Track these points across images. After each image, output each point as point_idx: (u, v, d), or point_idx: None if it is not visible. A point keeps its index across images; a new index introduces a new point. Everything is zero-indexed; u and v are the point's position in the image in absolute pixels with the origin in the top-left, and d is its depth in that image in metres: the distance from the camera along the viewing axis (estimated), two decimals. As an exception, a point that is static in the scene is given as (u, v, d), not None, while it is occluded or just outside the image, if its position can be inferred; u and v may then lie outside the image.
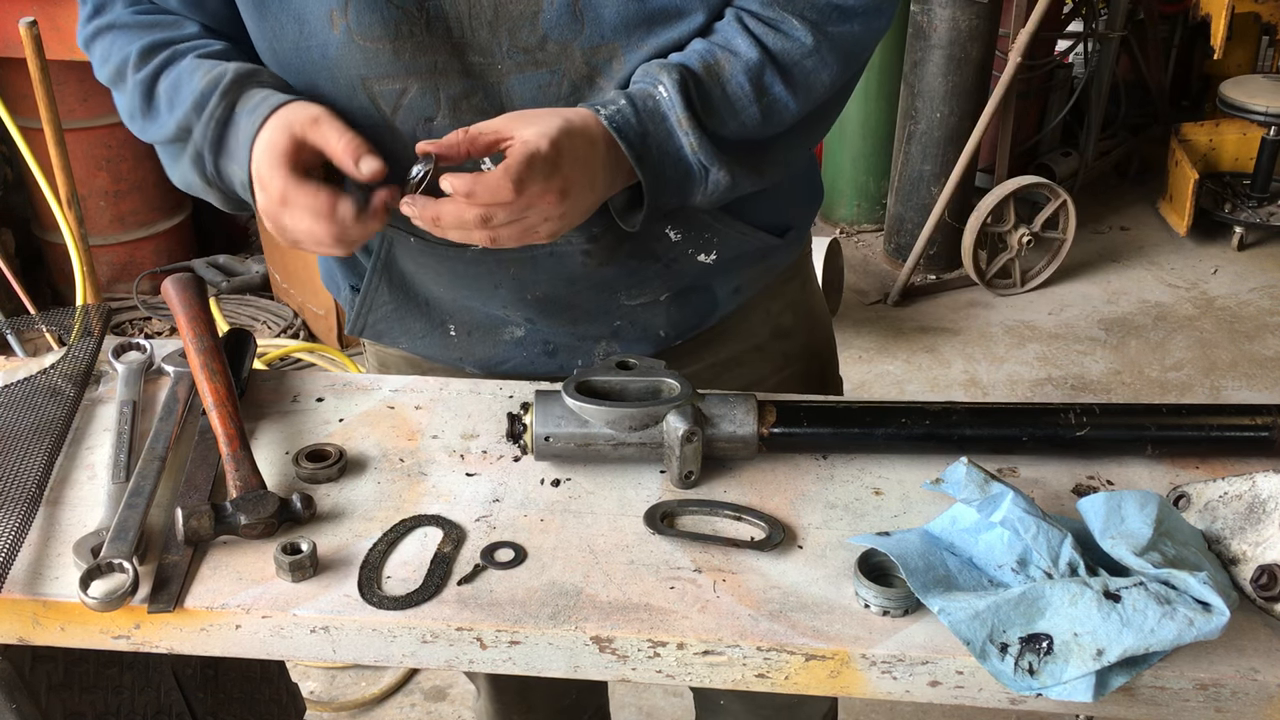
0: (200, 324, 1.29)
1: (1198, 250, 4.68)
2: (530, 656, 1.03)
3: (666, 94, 1.11)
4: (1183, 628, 0.94)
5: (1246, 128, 4.70)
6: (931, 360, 3.97)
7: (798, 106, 1.18)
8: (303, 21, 1.14)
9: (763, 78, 1.15)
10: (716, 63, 1.14)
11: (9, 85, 3.50)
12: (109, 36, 1.23)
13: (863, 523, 1.14)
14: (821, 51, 1.16)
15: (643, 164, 1.12)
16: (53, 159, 2.74)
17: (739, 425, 1.18)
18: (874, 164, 4.75)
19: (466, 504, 1.17)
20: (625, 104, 1.11)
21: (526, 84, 1.16)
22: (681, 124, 1.12)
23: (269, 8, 1.14)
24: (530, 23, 1.12)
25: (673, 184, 1.15)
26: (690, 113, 1.12)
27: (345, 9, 1.11)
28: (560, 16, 1.12)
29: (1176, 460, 1.22)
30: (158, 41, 1.20)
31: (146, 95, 1.20)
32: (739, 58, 1.14)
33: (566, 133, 1.07)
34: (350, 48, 1.13)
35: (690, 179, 1.15)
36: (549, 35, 1.13)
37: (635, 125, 1.11)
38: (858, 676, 1.01)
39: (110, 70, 1.23)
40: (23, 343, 2.90)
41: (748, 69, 1.14)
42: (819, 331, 1.58)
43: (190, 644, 1.06)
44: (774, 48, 1.15)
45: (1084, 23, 4.70)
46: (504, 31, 1.13)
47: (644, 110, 1.11)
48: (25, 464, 1.17)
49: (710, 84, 1.13)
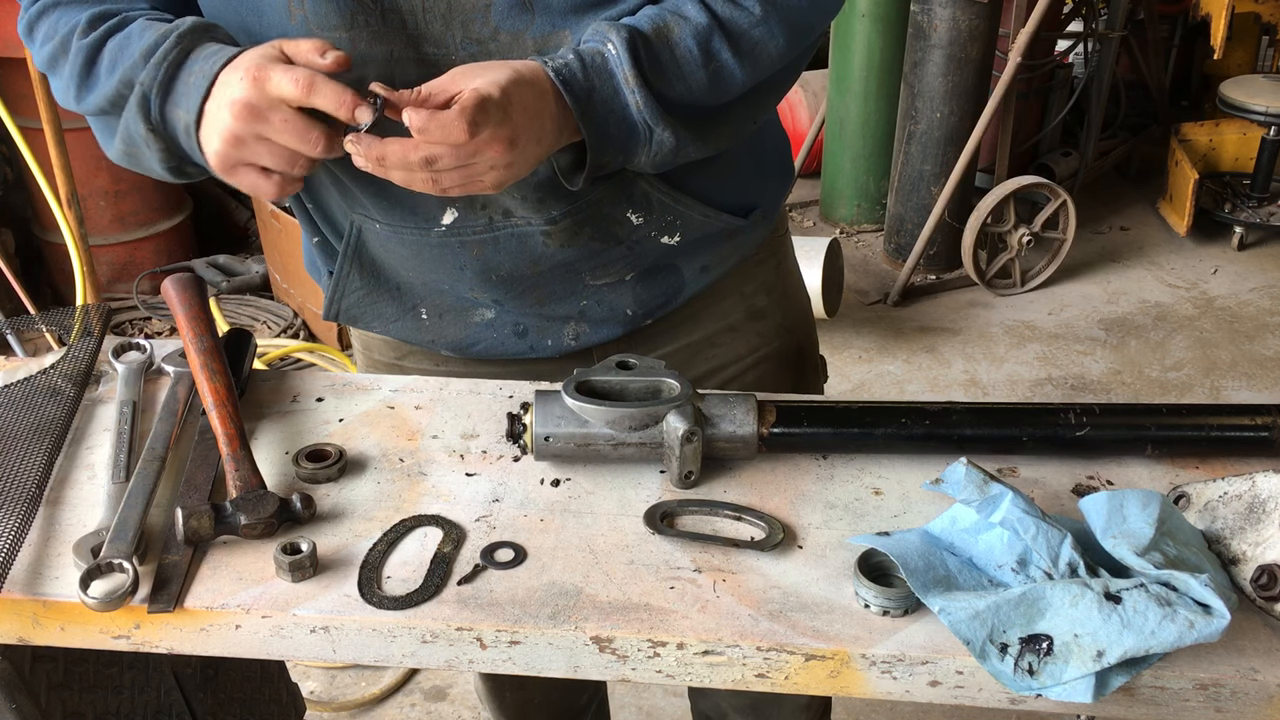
0: (200, 324, 1.29)
1: (1198, 250, 4.68)
2: (530, 656, 1.03)
3: (615, 51, 1.12)
4: (1183, 630, 0.94)
5: (1246, 128, 4.70)
6: (931, 360, 3.97)
7: (744, 75, 1.19)
8: (260, 13, 1.15)
9: (711, 43, 1.16)
10: (666, 25, 1.15)
11: (9, 85, 3.50)
12: (54, 14, 1.20)
13: (863, 523, 1.14)
14: (770, 22, 1.18)
15: (587, 119, 1.12)
16: (53, 159, 2.75)
17: (739, 425, 1.18)
18: (874, 164, 4.75)
19: (466, 504, 1.17)
20: (573, 59, 1.12)
21: None
22: (628, 81, 1.13)
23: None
24: (482, 15, 1.14)
25: (616, 141, 1.15)
26: (637, 71, 1.12)
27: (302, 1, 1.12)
28: (511, 8, 1.14)
29: (1176, 460, 1.22)
30: (107, 10, 1.18)
31: (89, 61, 1.17)
32: (688, 22, 1.15)
33: (516, 82, 1.08)
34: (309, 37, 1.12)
35: (634, 137, 1.16)
36: (500, 26, 1.15)
37: (582, 80, 1.11)
38: (858, 676, 1.01)
39: (52, 47, 1.20)
40: (23, 343, 2.90)
41: (696, 33, 1.15)
42: (795, 311, 1.59)
43: (190, 644, 1.06)
44: (723, 14, 1.17)
45: (1084, 23, 4.70)
46: (457, 24, 1.15)
47: (591, 66, 1.12)
48: (25, 464, 1.17)
49: (659, 45, 1.14)
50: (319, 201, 1.39)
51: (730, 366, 1.49)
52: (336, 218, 1.38)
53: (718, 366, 1.49)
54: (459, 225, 1.29)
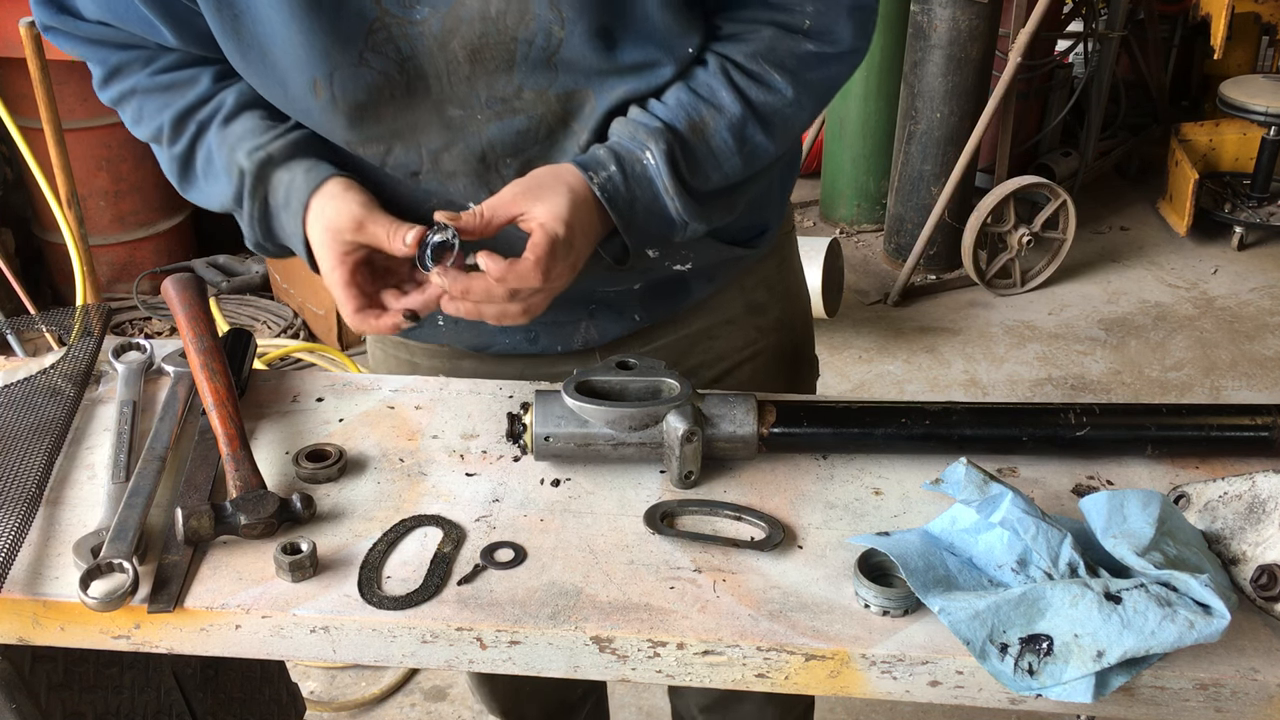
0: (200, 324, 1.29)
1: (1198, 250, 4.68)
2: (530, 656, 1.03)
3: (654, 161, 1.17)
4: (1183, 630, 0.94)
5: (1246, 128, 4.70)
6: (931, 360, 3.97)
7: (776, 149, 1.24)
8: (285, 86, 1.18)
9: (745, 130, 1.20)
10: (702, 120, 1.19)
11: (9, 85, 3.50)
12: (135, 101, 1.29)
13: (863, 523, 1.14)
14: (800, 99, 1.21)
15: (630, 228, 1.19)
16: (53, 159, 2.74)
17: (739, 425, 1.18)
18: (874, 164, 4.75)
19: (466, 504, 1.17)
20: (615, 170, 1.17)
21: (505, 130, 1.20)
22: (668, 190, 1.18)
23: (253, 66, 1.18)
24: (506, 73, 1.16)
25: (655, 238, 1.24)
26: (676, 179, 1.18)
27: (330, 80, 1.15)
28: (535, 68, 1.15)
29: (1176, 460, 1.22)
30: (182, 111, 1.26)
31: (184, 168, 1.29)
32: (723, 114, 1.19)
33: (574, 208, 1.14)
34: (333, 114, 1.18)
35: (671, 230, 1.23)
36: (524, 85, 1.17)
37: (624, 193, 1.17)
38: (858, 676, 1.01)
39: (146, 134, 1.30)
40: (23, 343, 2.89)
41: (731, 124, 1.19)
42: (794, 306, 1.61)
43: (190, 644, 1.06)
44: (756, 100, 1.20)
45: (1084, 23, 4.70)
46: (481, 84, 1.17)
47: (632, 176, 1.17)
48: (25, 464, 1.17)
49: (695, 142, 1.19)
50: None
51: (725, 359, 1.50)
52: None
53: (714, 358, 1.50)
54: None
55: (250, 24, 1.14)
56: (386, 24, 1.12)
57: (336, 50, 1.13)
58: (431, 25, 1.12)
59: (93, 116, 3.77)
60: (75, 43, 1.28)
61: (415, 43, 1.13)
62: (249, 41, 1.15)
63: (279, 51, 1.14)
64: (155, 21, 1.19)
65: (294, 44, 1.13)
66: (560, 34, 1.12)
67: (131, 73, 1.28)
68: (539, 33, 1.12)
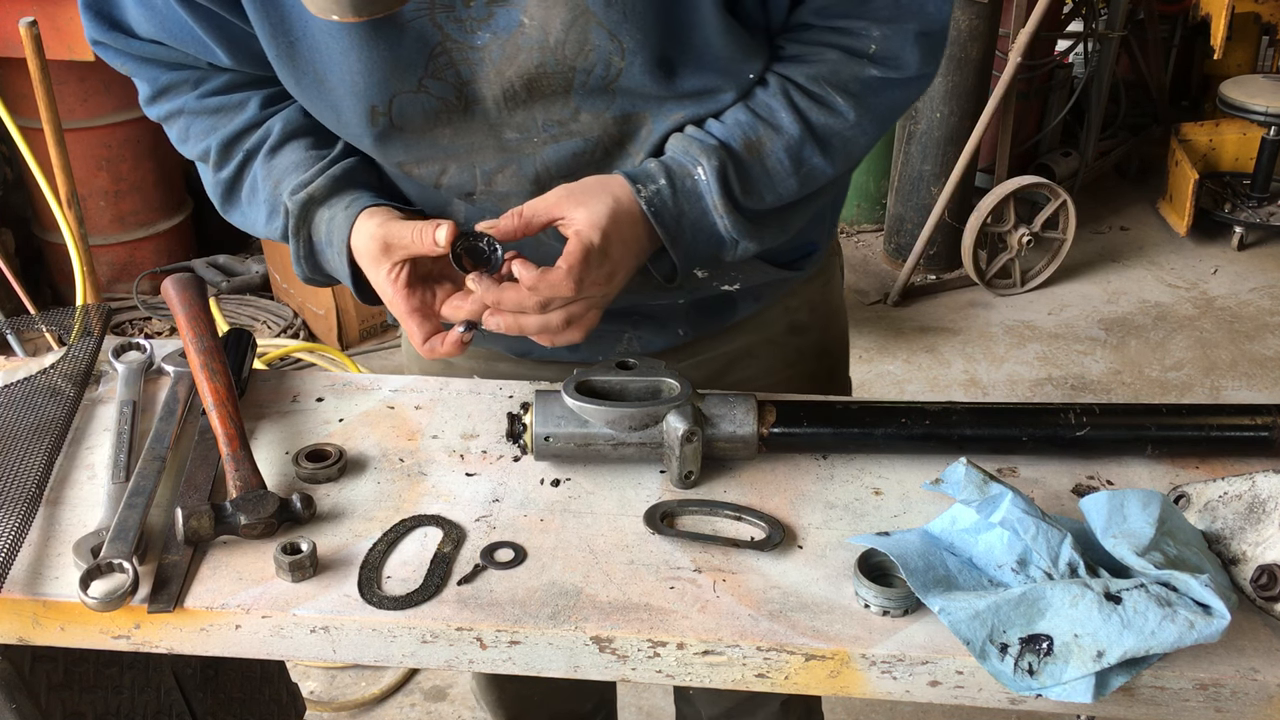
0: (200, 324, 1.29)
1: (1198, 250, 4.68)
2: (530, 656, 1.03)
3: (705, 177, 1.15)
4: (1183, 630, 0.94)
5: (1246, 128, 4.69)
6: (931, 360, 3.97)
7: (834, 171, 1.21)
8: (339, 112, 1.18)
9: (802, 152, 1.17)
10: (759, 139, 1.16)
11: (9, 85, 3.50)
12: (181, 120, 1.30)
13: (863, 523, 1.14)
14: (863, 123, 1.19)
15: (676, 244, 1.16)
16: (53, 159, 2.74)
17: (739, 425, 1.18)
18: (874, 164, 4.75)
19: (466, 504, 1.17)
20: (664, 184, 1.14)
21: (560, 152, 1.19)
22: (717, 207, 1.16)
23: (307, 95, 1.18)
24: (563, 98, 1.15)
25: (703, 257, 1.21)
26: (727, 197, 1.15)
27: (389, 106, 1.15)
28: (592, 94, 1.15)
29: (1176, 460, 1.22)
30: (230, 137, 1.27)
31: (229, 193, 1.30)
32: (781, 134, 1.16)
33: (614, 218, 1.12)
34: (389, 139, 1.18)
35: (721, 249, 1.20)
36: (581, 108, 1.16)
37: (672, 208, 1.15)
38: (858, 676, 1.01)
39: (193, 153, 1.31)
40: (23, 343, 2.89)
41: (789, 146, 1.17)
42: (834, 329, 1.59)
43: (190, 644, 1.06)
44: (816, 122, 1.17)
45: (1084, 23, 4.70)
46: (539, 109, 1.16)
47: (681, 191, 1.15)
48: (25, 464, 1.17)
49: (750, 161, 1.16)
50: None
51: (763, 379, 1.48)
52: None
53: (752, 376, 1.48)
54: None
55: (306, 51, 1.13)
56: (448, 49, 1.12)
57: (396, 78, 1.13)
58: (492, 52, 1.12)
59: (93, 116, 3.77)
60: (125, 59, 1.27)
61: (475, 69, 1.13)
62: (304, 68, 1.15)
63: (335, 79, 1.14)
64: (210, 43, 1.19)
65: (352, 71, 1.12)
66: (620, 64, 1.11)
67: (180, 93, 1.28)
68: (598, 63, 1.11)
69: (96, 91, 3.70)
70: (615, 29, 1.09)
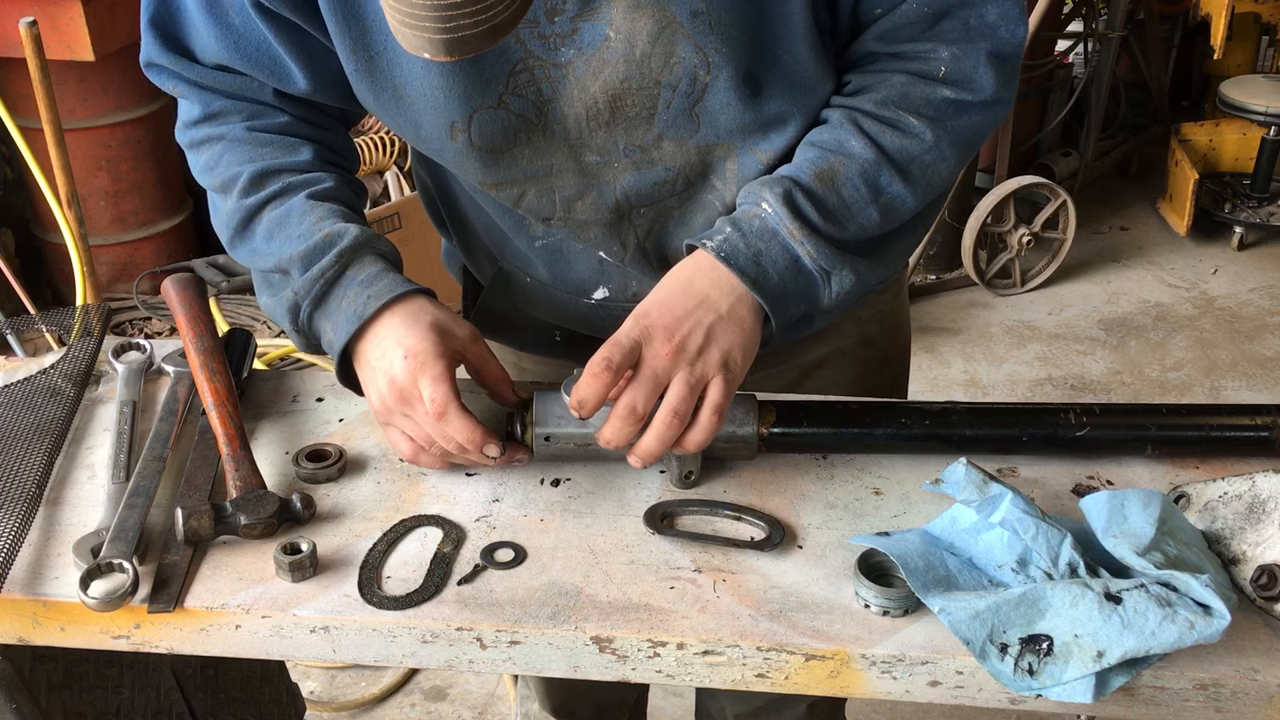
0: (200, 324, 1.29)
1: (1198, 250, 4.68)
2: (530, 656, 1.03)
3: (771, 209, 1.10)
4: (1183, 630, 0.94)
5: (1246, 128, 4.69)
6: (931, 360, 3.97)
7: (916, 201, 1.16)
8: (418, 127, 1.15)
9: (879, 178, 1.13)
10: (830, 168, 1.12)
11: (9, 85, 3.50)
12: (219, 147, 1.22)
13: (863, 523, 1.14)
14: (941, 146, 1.14)
15: (759, 286, 1.10)
16: (53, 159, 2.74)
17: (739, 425, 1.17)
18: (874, 164, 4.74)
19: (466, 504, 1.17)
20: (731, 230, 1.10)
21: (641, 181, 1.17)
22: (794, 235, 1.11)
23: (386, 111, 1.15)
24: (646, 122, 1.13)
25: (795, 295, 1.13)
26: (800, 222, 1.10)
27: (469, 122, 1.12)
28: (676, 118, 1.12)
29: (1176, 460, 1.22)
30: (271, 169, 1.19)
31: (246, 221, 1.20)
32: (853, 160, 1.12)
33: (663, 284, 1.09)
34: (469, 156, 1.15)
35: (813, 286, 1.14)
36: (664, 134, 1.14)
37: (744, 249, 1.10)
38: (858, 676, 1.01)
39: (214, 181, 1.23)
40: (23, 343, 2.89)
41: (863, 171, 1.12)
42: (899, 342, 1.56)
43: (190, 644, 1.06)
44: (890, 146, 1.13)
45: (1084, 23, 4.70)
46: (620, 131, 1.14)
47: (750, 231, 1.10)
48: (25, 464, 1.17)
49: (824, 191, 1.11)
50: (461, 230, 1.40)
51: (833, 390, 1.43)
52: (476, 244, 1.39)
53: (821, 389, 1.44)
54: (609, 301, 1.30)
55: (386, 66, 1.12)
56: (530, 66, 1.10)
57: (476, 94, 1.11)
58: (576, 69, 1.10)
59: (93, 116, 3.77)
60: (181, 84, 1.22)
61: (557, 86, 1.11)
62: (383, 84, 1.13)
63: (415, 94, 1.12)
64: (286, 59, 1.15)
65: (432, 86, 1.11)
66: (706, 79, 1.09)
67: (230, 120, 1.22)
68: (684, 77, 1.10)
69: (96, 91, 3.70)
70: (702, 41, 1.07)
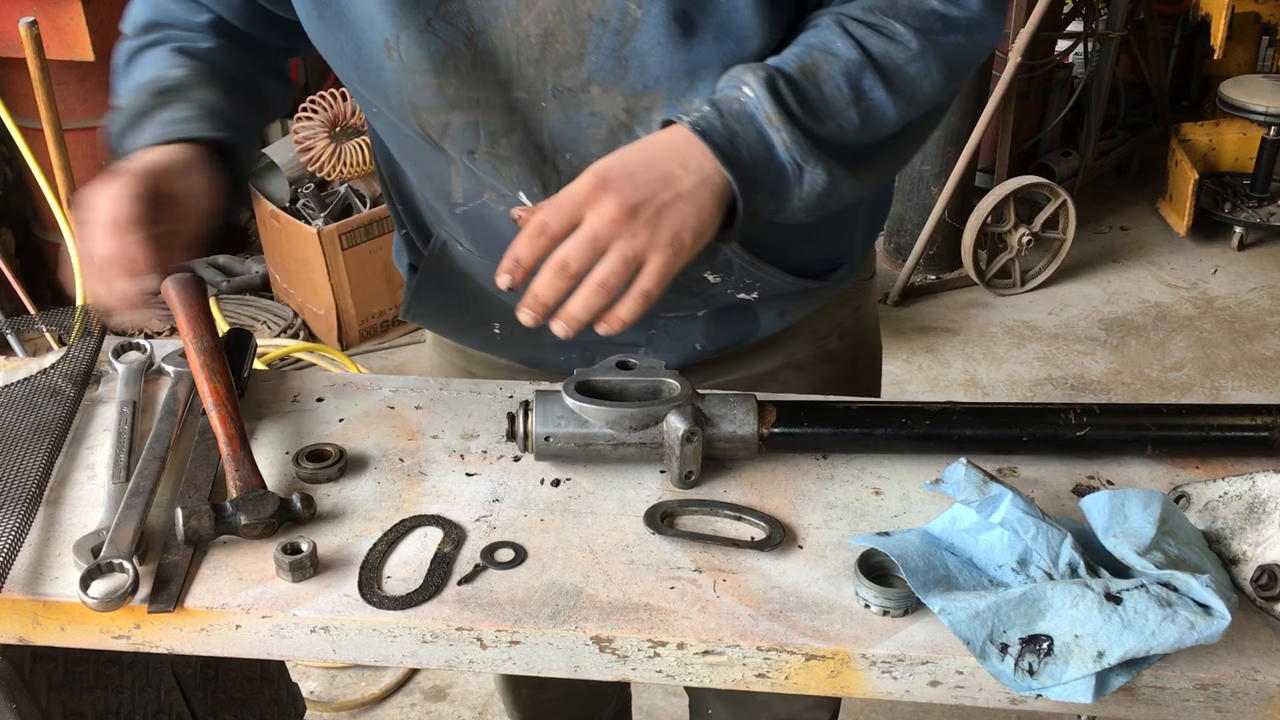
0: (200, 324, 1.29)
1: (1198, 250, 4.68)
2: (530, 656, 1.03)
3: (752, 94, 1.07)
4: (1184, 631, 0.94)
5: (1246, 128, 4.69)
6: (931, 360, 3.97)
7: (897, 114, 1.13)
8: (360, 44, 1.15)
9: (862, 81, 1.10)
10: (814, 63, 1.09)
11: (9, 85, 3.50)
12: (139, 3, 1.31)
13: (863, 523, 1.14)
14: (926, 58, 1.11)
15: (732, 163, 1.06)
16: (53, 159, 2.74)
17: (739, 425, 1.17)
18: (874, 164, 4.74)
19: (466, 504, 1.17)
20: (709, 109, 1.07)
21: (567, 124, 1.16)
22: (771, 121, 1.06)
23: (329, 25, 1.16)
24: (576, 63, 1.12)
25: (766, 185, 1.08)
26: (780, 109, 1.06)
27: (397, 41, 1.12)
28: (605, 60, 1.12)
29: (1176, 460, 1.22)
30: (160, 21, 1.28)
31: (125, 62, 1.28)
32: (838, 59, 1.09)
33: (633, 146, 1.06)
34: (402, 77, 1.15)
35: (784, 179, 1.09)
36: (593, 78, 1.13)
37: (720, 128, 1.06)
38: (858, 676, 1.01)
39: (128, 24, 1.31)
40: (23, 343, 2.89)
41: (846, 71, 1.09)
42: (865, 356, 1.54)
43: (190, 644, 1.06)
44: (876, 50, 1.10)
45: (1084, 23, 4.70)
46: (549, 69, 1.13)
47: (729, 113, 1.07)
48: (25, 464, 1.17)
49: (806, 84, 1.08)
50: (407, 204, 1.40)
51: None
52: (424, 224, 1.39)
53: None
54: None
55: None
56: None
57: (404, 13, 1.10)
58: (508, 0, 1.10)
59: (93, 116, 3.77)
60: None
61: (489, 16, 1.11)
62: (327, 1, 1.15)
63: (356, 9, 1.13)
64: None
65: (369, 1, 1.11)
66: (637, 14, 1.08)
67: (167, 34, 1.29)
68: (615, 11, 1.08)
69: (96, 91, 3.70)
70: None
